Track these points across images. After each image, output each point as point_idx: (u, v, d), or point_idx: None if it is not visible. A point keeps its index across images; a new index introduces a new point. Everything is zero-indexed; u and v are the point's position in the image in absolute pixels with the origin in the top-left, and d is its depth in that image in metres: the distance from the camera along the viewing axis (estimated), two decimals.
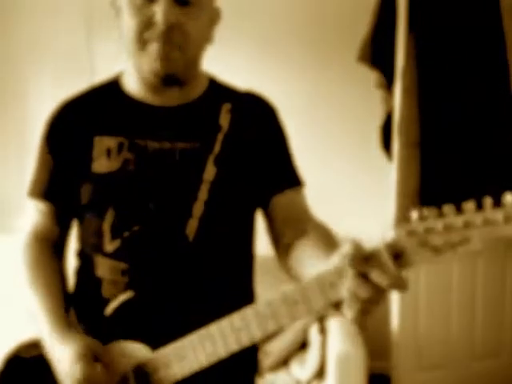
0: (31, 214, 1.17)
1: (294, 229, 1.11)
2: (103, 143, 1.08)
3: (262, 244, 1.20)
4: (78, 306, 1.12)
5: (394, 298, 2.37)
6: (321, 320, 2.29)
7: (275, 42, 2.62)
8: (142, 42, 1.04)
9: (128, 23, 1.05)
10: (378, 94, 2.29)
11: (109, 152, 1.08)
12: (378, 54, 2.19)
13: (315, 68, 2.62)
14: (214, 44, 1.15)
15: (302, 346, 2.33)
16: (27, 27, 2.65)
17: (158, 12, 1.02)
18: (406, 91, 2.10)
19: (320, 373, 2.18)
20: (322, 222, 1.13)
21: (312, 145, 2.55)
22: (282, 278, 1.16)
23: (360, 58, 2.22)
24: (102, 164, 1.07)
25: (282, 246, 1.13)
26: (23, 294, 1.11)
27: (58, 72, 2.65)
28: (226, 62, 1.20)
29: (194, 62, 1.12)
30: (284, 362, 2.32)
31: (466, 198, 2.26)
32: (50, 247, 1.15)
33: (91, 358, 0.99)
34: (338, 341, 2.05)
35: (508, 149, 2.16)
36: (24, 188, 1.18)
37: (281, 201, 1.14)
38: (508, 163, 2.16)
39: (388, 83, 2.21)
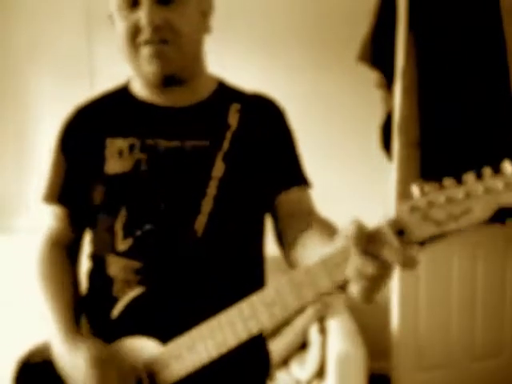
0: (47, 218, 1.18)
1: (299, 224, 1.12)
2: (115, 145, 1.10)
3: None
4: (89, 307, 1.13)
5: (394, 298, 2.37)
6: (321, 320, 2.29)
7: (274, 43, 2.61)
8: (134, 48, 1.07)
9: (119, 32, 1.08)
10: (377, 94, 2.29)
11: (121, 153, 1.09)
12: (377, 53, 2.19)
13: (315, 68, 2.62)
14: (211, 44, 1.16)
15: (302, 346, 2.33)
16: (27, 28, 2.65)
17: (142, 16, 1.04)
18: (405, 91, 2.10)
19: (320, 373, 2.18)
20: (325, 217, 1.13)
21: (311, 145, 2.54)
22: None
23: (360, 57, 2.22)
24: (114, 165, 1.09)
25: (287, 242, 1.13)
26: (23, 294, 1.11)
27: (58, 73, 2.65)
28: (224, 63, 1.20)
29: (193, 56, 1.13)
30: (284, 362, 2.32)
31: None
32: (65, 253, 1.16)
33: (105, 364, 1.01)
34: (338, 341, 2.05)
35: (508, 149, 2.16)
36: (24, 188, 1.18)
37: (286, 198, 1.15)
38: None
39: (388, 83, 2.21)
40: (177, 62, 1.07)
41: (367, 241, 0.81)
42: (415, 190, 0.81)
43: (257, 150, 1.13)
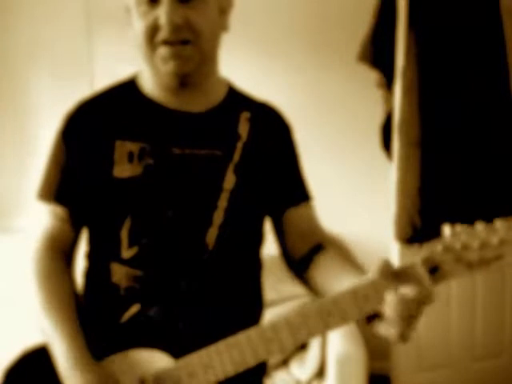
0: (43, 217, 1.11)
1: (309, 242, 1.14)
2: (125, 148, 1.07)
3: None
4: (90, 312, 1.10)
5: None
6: None
7: (275, 42, 2.61)
8: (152, 46, 1.04)
9: (136, 29, 1.05)
10: (378, 94, 2.29)
11: (130, 157, 1.06)
12: (378, 53, 2.19)
13: (315, 68, 2.62)
14: None
15: (302, 345, 2.32)
16: (27, 28, 2.64)
17: (162, 15, 1.01)
18: (406, 91, 2.10)
19: (320, 373, 2.18)
20: (333, 236, 1.15)
21: (312, 144, 2.54)
22: (282, 278, 1.17)
23: (360, 57, 2.22)
24: (123, 169, 1.06)
25: (297, 258, 1.15)
26: (23, 295, 1.09)
27: (58, 73, 2.65)
28: (226, 62, 1.19)
29: (210, 56, 1.10)
30: (284, 362, 2.31)
31: (466, 198, 2.25)
32: (64, 256, 1.10)
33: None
34: (338, 341, 2.05)
35: (508, 149, 2.16)
36: (24, 188, 1.16)
37: (296, 214, 1.16)
38: (508, 163, 2.16)
39: (388, 83, 2.21)
40: (194, 61, 1.05)
41: (395, 275, 0.84)
42: (447, 230, 0.83)
43: (266, 163, 1.13)
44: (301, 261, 1.14)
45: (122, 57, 1.11)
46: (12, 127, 2.71)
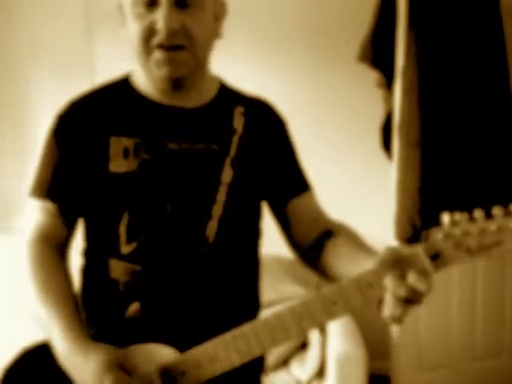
0: (36, 214, 1.12)
1: (315, 229, 1.15)
2: (120, 143, 1.07)
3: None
4: (90, 308, 1.10)
5: None
6: None
7: (276, 41, 2.62)
8: (147, 50, 1.04)
9: (132, 32, 1.05)
10: (378, 94, 2.29)
11: (126, 152, 1.07)
12: (378, 53, 2.19)
13: (316, 67, 2.62)
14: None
15: (302, 345, 2.33)
16: (27, 28, 2.65)
17: (160, 19, 1.01)
18: (406, 90, 2.10)
19: (320, 373, 2.18)
20: (341, 221, 1.17)
21: (312, 144, 2.54)
22: (281, 278, 1.17)
23: (360, 57, 2.22)
24: (119, 164, 1.06)
25: (306, 247, 1.16)
26: (23, 295, 1.09)
27: (59, 73, 2.65)
28: (227, 61, 1.20)
29: (203, 61, 1.12)
30: (284, 362, 2.32)
31: (466, 197, 2.26)
32: (57, 250, 1.10)
33: (118, 368, 0.97)
34: (338, 341, 2.05)
35: (508, 148, 2.16)
36: (24, 188, 1.16)
37: (299, 204, 1.17)
38: (508, 163, 2.16)
39: (388, 83, 2.22)
40: (188, 66, 1.06)
41: (398, 262, 0.86)
42: (446, 218, 0.85)
43: (263, 155, 1.14)
44: (311, 248, 1.14)
45: (123, 56, 1.10)
46: (12, 127, 2.71)
